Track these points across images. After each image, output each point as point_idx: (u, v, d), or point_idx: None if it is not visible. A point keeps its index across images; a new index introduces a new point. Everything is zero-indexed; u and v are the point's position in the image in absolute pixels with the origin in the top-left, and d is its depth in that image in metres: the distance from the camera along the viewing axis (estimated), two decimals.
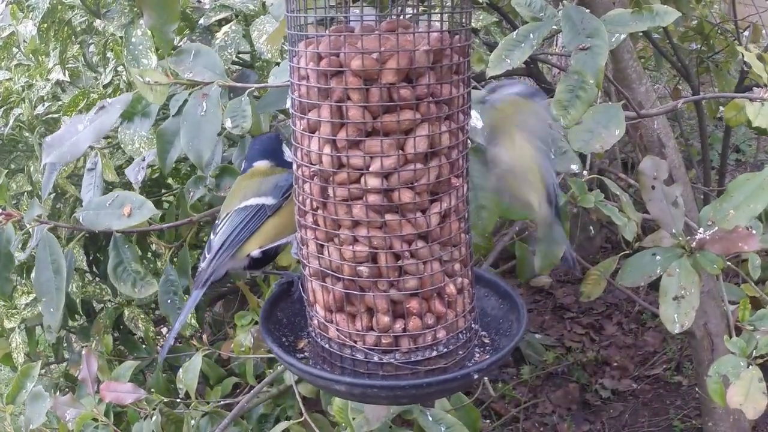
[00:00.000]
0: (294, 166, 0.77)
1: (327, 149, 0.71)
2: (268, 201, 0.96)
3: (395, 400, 0.95)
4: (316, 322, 0.79)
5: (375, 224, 0.72)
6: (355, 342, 0.75)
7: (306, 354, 0.82)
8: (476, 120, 0.96)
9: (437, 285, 0.75)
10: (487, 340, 0.86)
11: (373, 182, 0.70)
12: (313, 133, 0.73)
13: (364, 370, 0.75)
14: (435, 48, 0.70)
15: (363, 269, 0.72)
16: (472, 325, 0.82)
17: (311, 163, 0.73)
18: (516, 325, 0.86)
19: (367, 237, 0.72)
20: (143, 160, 1.28)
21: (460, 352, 0.79)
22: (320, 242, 0.75)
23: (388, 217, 0.71)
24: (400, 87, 0.69)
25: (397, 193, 0.71)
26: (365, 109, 0.69)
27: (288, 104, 0.80)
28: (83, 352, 1.40)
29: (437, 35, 0.71)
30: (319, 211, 0.74)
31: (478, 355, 0.83)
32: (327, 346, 0.78)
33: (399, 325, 0.74)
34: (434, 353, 0.77)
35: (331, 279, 0.76)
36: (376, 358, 0.75)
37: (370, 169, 0.70)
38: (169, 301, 1.37)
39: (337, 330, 0.76)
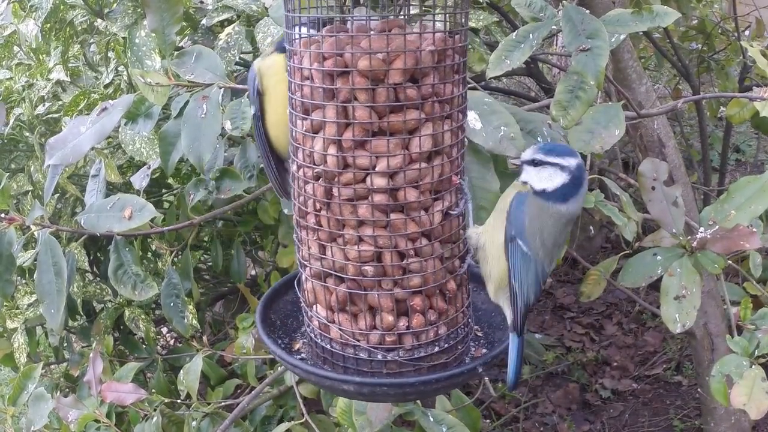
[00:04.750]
0: (294, 167, 0.77)
1: (332, 150, 0.71)
2: None
3: (403, 397, 0.96)
4: (316, 322, 0.79)
5: (380, 224, 0.72)
6: (359, 341, 0.76)
7: (303, 355, 0.82)
8: (475, 121, 0.96)
9: (439, 282, 0.76)
10: (480, 334, 0.87)
11: (380, 182, 0.71)
12: (317, 133, 0.72)
13: (368, 368, 0.76)
14: (440, 48, 0.71)
15: (368, 269, 0.73)
16: (469, 320, 0.82)
17: (314, 164, 0.73)
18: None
19: (373, 236, 0.72)
20: (148, 168, 1.28)
21: (459, 347, 0.80)
22: (323, 243, 0.75)
23: (393, 216, 0.72)
24: (407, 87, 0.69)
25: (403, 192, 0.71)
26: (372, 109, 0.69)
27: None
28: (90, 354, 1.40)
29: (441, 35, 0.71)
30: (323, 212, 0.74)
31: (474, 348, 0.83)
32: (328, 346, 0.78)
33: (403, 323, 0.75)
34: (436, 349, 0.77)
35: (333, 279, 0.76)
36: (379, 357, 0.75)
37: (377, 168, 0.70)
38: (171, 304, 1.37)
39: (340, 330, 0.76)
